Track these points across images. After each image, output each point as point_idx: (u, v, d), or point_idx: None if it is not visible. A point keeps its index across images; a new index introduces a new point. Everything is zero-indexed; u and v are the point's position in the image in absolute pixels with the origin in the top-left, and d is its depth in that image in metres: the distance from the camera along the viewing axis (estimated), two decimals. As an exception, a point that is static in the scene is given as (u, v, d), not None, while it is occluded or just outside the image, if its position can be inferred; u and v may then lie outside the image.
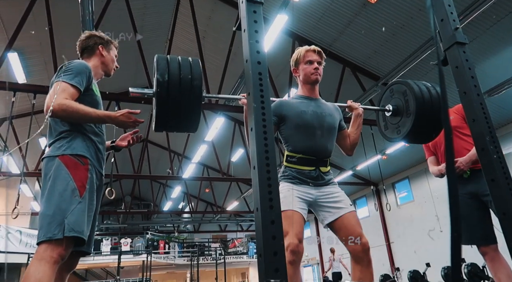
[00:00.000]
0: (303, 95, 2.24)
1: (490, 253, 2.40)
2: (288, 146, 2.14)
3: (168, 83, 1.61)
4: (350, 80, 9.40)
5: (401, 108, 2.23)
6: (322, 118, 2.13)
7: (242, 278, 22.61)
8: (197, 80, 1.67)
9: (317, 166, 2.08)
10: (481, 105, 1.48)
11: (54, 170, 1.64)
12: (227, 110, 9.41)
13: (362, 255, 1.96)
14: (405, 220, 13.44)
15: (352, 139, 2.30)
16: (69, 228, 1.53)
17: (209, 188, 17.43)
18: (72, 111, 1.64)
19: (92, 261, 16.11)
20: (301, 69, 2.23)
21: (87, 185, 1.66)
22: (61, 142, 1.72)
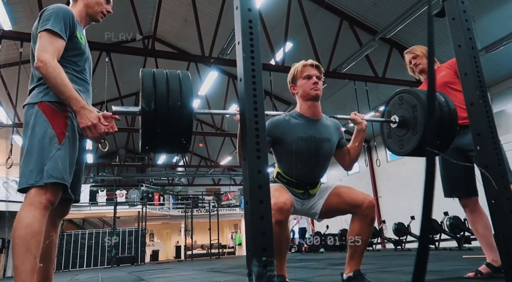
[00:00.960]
0: (303, 114, 2.10)
1: (470, 205, 2.50)
2: (280, 165, 2.12)
3: (155, 111, 1.43)
4: (347, 35, 9.16)
5: (408, 122, 2.05)
6: (319, 145, 2.05)
7: (234, 229, 23.51)
8: (187, 107, 1.48)
9: (307, 189, 2.10)
10: (475, 58, 1.46)
11: (33, 117, 1.62)
12: (220, 64, 9.19)
13: (368, 212, 1.98)
14: (394, 176, 13.82)
15: (352, 156, 2.22)
16: (48, 174, 1.54)
17: (203, 142, 17.54)
18: (52, 74, 1.58)
19: (89, 211, 16.55)
20: (299, 85, 2.10)
21: (67, 132, 1.65)
22: (39, 88, 1.68)
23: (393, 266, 3.99)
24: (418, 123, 1.99)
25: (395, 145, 2.17)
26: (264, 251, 1.09)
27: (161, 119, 1.45)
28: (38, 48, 1.63)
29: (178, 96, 1.48)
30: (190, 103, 1.50)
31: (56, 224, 1.80)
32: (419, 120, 1.98)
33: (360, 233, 1.98)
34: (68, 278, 6.24)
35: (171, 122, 1.46)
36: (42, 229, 1.51)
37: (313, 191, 2.11)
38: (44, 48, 1.62)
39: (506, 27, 7.53)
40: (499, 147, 1.39)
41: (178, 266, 8.47)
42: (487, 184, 1.36)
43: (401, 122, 2.09)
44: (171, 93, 1.47)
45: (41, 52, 1.61)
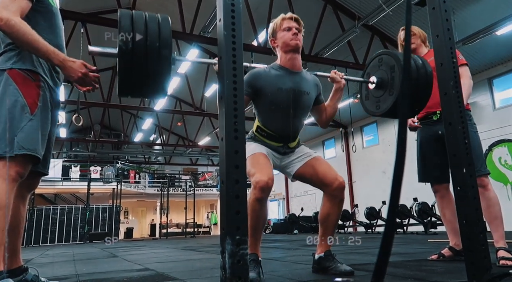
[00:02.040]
0: (284, 66, 2.11)
1: (441, 191, 2.61)
2: (260, 118, 2.12)
3: (133, 43, 1.41)
4: (330, 19, 9.15)
5: (385, 82, 2.10)
6: (298, 97, 2.07)
7: (211, 209, 23.66)
8: (166, 48, 1.46)
9: (285, 142, 2.11)
10: (451, 49, 1.49)
11: (2, 85, 1.54)
12: (201, 42, 9.02)
13: (337, 193, 2.03)
14: (369, 161, 14.16)
15: (329, 114, 2.25)
16: (19, 145, 1.49)
17: (181, 121, 17.35)
18: (19, 31, 1.48)
19: (61, 186, 16.21)
20: (279, 37, 2.10)
21: (39, 102, 1.58)
22: (9, 53, 1.59)
23: (363, 248, 4.15)
24: (394, 84, 2.05)
25: (372, 106, 2.23)
26: (238, 230, 1.11)
27: (139, 60, 1.42)
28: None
29: (156, 37, 1.45)
30: (169, 45, 1.48)
31: (24, 197, 1.75)
32: (396, 81, 2.04)
33: (329, 212, 2.04)
34: (39, 253, 6.15)
35: (149, 63, 1.44)
36: (9, 202, 1.46)
37: (292, 144, 2.13)
38: (4, 5, 1.50)
39: (484, 21, 7.70)
40: (468, 137, 1.44)
41: (153, 244, 8.49)
42: (454, 172, 1.42)
43: (379, 84, 2.14)
44: (149, 34, 1.44)
45: (0, 10, 1.48)
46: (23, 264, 1.75)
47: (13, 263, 1.69)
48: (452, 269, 2.05)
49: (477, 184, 1.40)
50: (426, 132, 2.66)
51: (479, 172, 2.37)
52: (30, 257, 4.80)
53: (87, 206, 13.75)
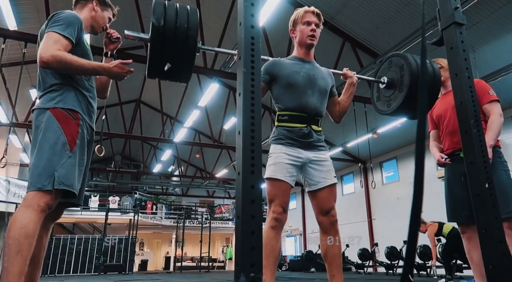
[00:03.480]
0: (298, 56, 2.22)
1: (468, 233, 2.49)
2: (279, 104, 2.14)
3: (164, 29, 1.58)
4: (349, 56, 9.30)
5: (395, 81, 2.22)
6: (314, 81, 2.13)
7: (226, 243, 23.25)
8: (193, 30, 1.64)
9: (309, 123, 2.08)
10: (470, 88, 1.49)
11: (45, 122, 1.63)
12: (222, 77, 9.28)
13: (330, 227, 2.03)
14: (389, 198, 13.77)
15: (342, 107, 2.30)
16: (59, 180, 1.55)
17: (200, 153, 17.52)
18: (66, 62, 1.62)
19: (80, 215, 16.37)
20: (298, 30, 2.19)
21: (78, 140, 1.67)
22: (52, 94, 1.70)
23: (383, 290, 3.95)
24: (404, 81, 2.13)
25: (383, 105, 2.30)
26: (252, 267, 1.08)
27: (169, 36, 1.60)
28: (41, 47, 1.64)
29: (185, 20, 1.63)
30: (195, 28, 1.65)
31: (47, 227, 1.80)
32: (405, 78, 2.12)
33: (327, 246, 2.03)
34: (53, 284, 6.12)
35: (178, 41, 1.61)
36: (36, 232, 1.51)
37: (316, 128, 2.11)
38: (47, 46, 1.63)
39: (504, 59, 7.66)
40: (491, 177, 1.40)
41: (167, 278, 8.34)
42: (478, 213, 1.37)
43: (389, 83, 2.24)
44: (179, 16, 1.63)
45: (44, 50, 1.62)
46: (38, 295, 1.75)
47: (29, 294, 1.69)
48: (480, 317, 1.92)
49: (506, 226, 1.34)
50: (453, 170, 2.58)
51: (509, 213, 2.25)
52: (45, 287, 4.78)
53: (104, 236, 13.77)
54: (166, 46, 1.61)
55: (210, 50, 1.98)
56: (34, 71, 1.81)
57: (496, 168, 2.37)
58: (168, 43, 1.61)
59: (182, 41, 1.62)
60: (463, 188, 2.48)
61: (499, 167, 2.39)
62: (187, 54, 1.65)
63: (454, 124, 2.59)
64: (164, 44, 1.61)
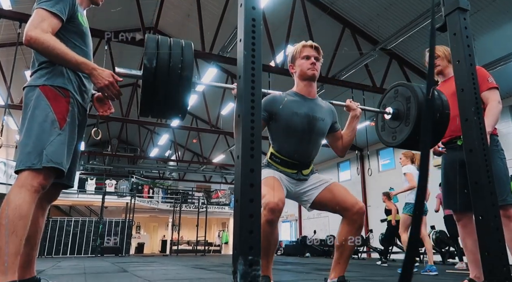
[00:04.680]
0: (299, 93, 2.15)
1: (464, 220, 2.52)
2: (274, 144, 2.13)
3: (156, 70, 1.50)
4: (348, 42, 9.21)
5: (401, 114, 2.11)
6: (313, 123, 2.08)
7: (222, 227, 23.46)
8: (187, 69, 1.55)
9: (300, 169, 2.11)
10: (472, 75, 1.47)
11: (34, 100, 1.60)
12: (220, 61, 9.19)
13: (356, 218, 1.98)
14: (384, 186, 13.88)
15: (345, 142, 2.25)
16: (48, 158, 1.53)
17: (197, 138, 17.49)
18: (48, 46, 1.54)
19: (77, 198, 16.41)
20: (297, 65, 2.14)
21: (68, 118, 1.64)
22: (42, 71, 1.66)
23: (377, 276, 4.02)
24: (411, 115, 2.04)
25: (388, 137, 2.22)
26: (250, 250, 1.09)
27: (162, 78, 1.52)
28: (28, 24, 1.57)
29: (179, 59, 1.54)
30: (190, 68, 1.56)
31: (43, 208, 1.78)
32: (412, 112, 2.03)
33: (347, 238, 1.99)
34: (51, 264, 6.18)
35: (171, 83, 1.52)
36: (30, 213, 1.49)
37: (306, 172, 2.12)
38: (34, 23, 1.56)
39: (505, 48, 7.62)
40: (490, 164, 1.40)
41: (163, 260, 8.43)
42: (475, 201, 1.37)
43: (395, 115, 2.15)
44: (173, 55, 1.54)
45: (29, 28, 1.55)
46: (36, 275, 1.76)
47: (27, 274, 1.70)
48: (472, 302, 1.95)
49: (502, 214, 1.35)
50: (450, 158, 2.59)
51: (504, 201, 2.28)
52: (43, 268, 4.82)
53: (101, 219, 13.84)
54: (158, 87, 1.53)
55: (206, 85, 1.94)
56: (29, 52, 1.76)
57: (493, 156, 2.37)
58: (160, 85, 1.52)
59: (176, 82, 1.53)
60: (459, 176, 2.49)
61: (495, 155, 2.40)
62: (181, 95, 1.56)
63: (452, 112, 2.58)
64: (156, 86, 1.53)
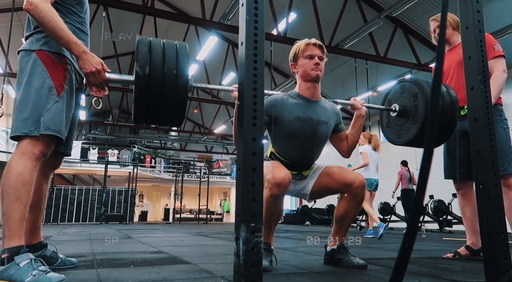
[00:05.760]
0: (302, 95, 2.04)
1: (464, 189, 2.55)
2: (275, 146, 2.08)
3: (149, 77, 1.40)
4: (353, 9, 8.95)
5: (408, 111, 2.03)
6: (316, 127, 2.01)
7: (224, 196, 23.87)
8: (183, 75, 1.45)
9: (300, 170, 2.08)
10: (481, 42, 1.43)
11: (30, 65, 1.57)
12: (221, 29, 8.97)
13: (358, 192, 1.96)
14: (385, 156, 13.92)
15: (350, 142, 2.16)
16: (45, 126, 1.52)
17: (198, 108, 17.43)
18: (45, 17, 1.49)
19: (80, 167, 16.60)
20: (300, 65, 2.01)
21: (66, 85, 1.61)
22: (38, 35, 1.62)
23: (376, 243, 4.11)
24: (418, 112, 1.96)
25: (393, 134, 2.14)
26: (253, 217, 1.10)
27: (156, 86, 1.41)
28: None
29: (174, 65, 1.45)
30: (186, 73, 1.47)
31: (47, 175, 1.80)
32: (420, 109, 1.95)
33: (348, 211, 2.00)
34: (57, 231, 6.34)
35: (166, 91, 1.43)
36: (33, 179, 1.50)
37: (306, 173, 2.10)
38: None
39: (514, 15, 7.41)
40: (493, 134, 1.39)
41: (166, 228, 8.64)
42: (477, 169, 1.38)
43: (401, 112, 2.06)
44: (166, 61, 1.44)
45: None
46: (42, 240, 1.81)
47: (33, 239, 1.75)
48: (468, 269, 2.01)
49: (502, 183, 1.36)
50: None
51: (505, 171, 2.29)
52: (49, 234, 4.95)
53: (104, 188, 14.06)
54: (152, 96, 1.43)
55: (204, 88, 1.83)
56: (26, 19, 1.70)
57: (496, 126, 2.36)
58: (155, 94, 1.43)
59: (171, 89, 1.43)
60: (462, 146, 2.49)
61: (498, 124, 2.39)
62: (178, 97, 1.46)
63: (457, 82, 2.55)
64: (149, 95, 1.43)
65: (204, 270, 1.81)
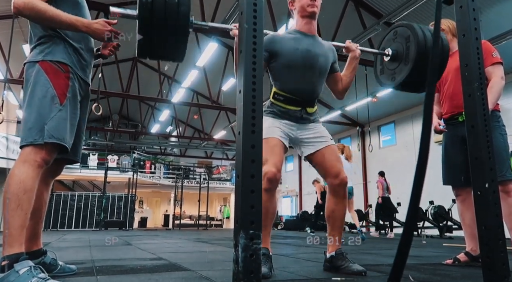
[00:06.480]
0: (299, 30, 2.11)
1: (463, 195, 2.55)
2: (276, 83, 2.10)
3: (152, 5, 1.47)
4: (352, 16, 9.02)
5: (400, 54, 2.11)
6: (314, 59, 2.05)
7: (224, 202, 23.81)
8: (184, 5, 1.51)
9: (304, 106, 2.08)
10: (477, 50, 1.45)
11: (34, 75, 1.60)
12: (221, 36, 9.03)
13: (339, 189, 2.04)
14: (385, 162, 13.96)
15: (344, 83, 2.24)
16: (49, 134, 1.54)
17: (198, 114, 17.45)
18: (39, 10, 1.53)
19: (80, 173, 16.59)
20: (297, 1, 2.08)
21: (68, 93, 1.64)
22: (41, 46, 1.65)
23: (375, 249, 4.11)
24: (410, 53, 2.04)
25: (387, 79, 2.23)
26: (252, 224, 1.11)
27: (158, 14, 1.48)
28: None
29: (175, 5, 1.50)
30: (187, 4, 1.53)
31: (48, 183, 1.81)
32: (412, 51, 2.03)
33: (334, 208, 2.06)
34: (57, 237, 6.32)
35: (168, 19, 1.49)
36: (34, 187, 1.52)
37: (310, 110, 2.11)
38: None
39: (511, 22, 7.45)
40: (491, 140, 1.40)
41: (166, 234, 8.61)
42: (475, 176, 1.38)
43: (394, 56, 2.15)
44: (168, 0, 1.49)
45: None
46: (42, 247, 1.81)
47: (33, 246, 1.75)
48: (468, 275, 2.01)
49: (500, 189, 1.36)
50: (451, 134, 2.59)
51: (503, 177, 2.30)
52: (48, 241, 4.94)
53: (104, 193, 14.03)
54: (155, 24, 1.50)
55: (204, 26, 1.86)
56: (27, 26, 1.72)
57: (493, 132, 2.37)
58: (158, 21, 1.49)
59: (173, 18, 1.50)
60: (460, 152, 2.50)
61: (496, 131, 2.41)
62: (179, 32, 1.54)
63: (454, 88, 2.56)
64: (153, 23, 1.49)
65: (204, 277, 1.81)
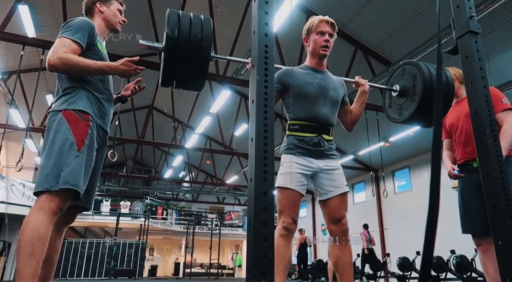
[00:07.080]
0: (310, 66, 2.23)
1: (484, 245, 2.43)
2: (291, 114, 2.16)
3: (178, 40, 1.62)
4: (361, 63, 9.26)
5: (408, 90, 2.21)
6: (325, 91, 2.14)
7: (236, 250, 23.15)
8: (206, 41, 1.67)
9: (319, 133, 2.09)
10: (486, 97, 1.47)
11: (56, 124, 1.67)
12: (234, 84, 9.34)
13: (340, 236, 2.03)
14: (401, 208, 13.58)
15: (354, 116, 2.31)
16: (64, 180, 1.57)
17: (210, 159, 17.57)
18: (72, 63, 1.66)
19: (92, 220, 16.52)
20: (312, 40, 2.19)
21: (87, 141, 1.69)
22: (65, 97, 1.75)
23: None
24: (417, 91, 2.14)
25: (395, 113, 2.31)
26: (264, 274, 1.08)
27: (183, 47, 1.63)
28: (50, 51, 1.69)
29: (199, 30, 1.66)
30: (209, 40, 1.68)
31: (61, 230, 1.82)
32: (418, 88, 2.12)
33: (338, 255, 2.02)
34: (64, 287, 6.17)
35: (191, 51, 1.64)
36: (48, 234, 1.52)
37: (327, 137, 2.12)
38: (55, 50, 1.68)
39: (521, 67, 7.53)
40: (507, 187, 1.38)
41: (175, 284, 8.33)
42: (494, 225, 1.34)
43: (402, 91, 2.25)
44: (193, 27, 1.65)
45: (51, 54, 1.67)
46: (51, 297, 1.77)
47: (42, 295, 1.71)
48: (496, 332, 1.87)
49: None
50: (467, 180, 2.53)
51: None
52: (56, 290, 4.82)
53: (115, 241, 13.85)
54: (180, 56, 1.65)
55: (223, 59, 2.02)
56: (51, 77, 1.85)
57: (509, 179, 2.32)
58: (182, 54, 1.65)
59: (196, 51, 1.65)
60: (477, 199, 2.43)
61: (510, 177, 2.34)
62: (201, 64, 1.69)
63: (466, 134, 2.55)
64: (177, 55, 1.65)
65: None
